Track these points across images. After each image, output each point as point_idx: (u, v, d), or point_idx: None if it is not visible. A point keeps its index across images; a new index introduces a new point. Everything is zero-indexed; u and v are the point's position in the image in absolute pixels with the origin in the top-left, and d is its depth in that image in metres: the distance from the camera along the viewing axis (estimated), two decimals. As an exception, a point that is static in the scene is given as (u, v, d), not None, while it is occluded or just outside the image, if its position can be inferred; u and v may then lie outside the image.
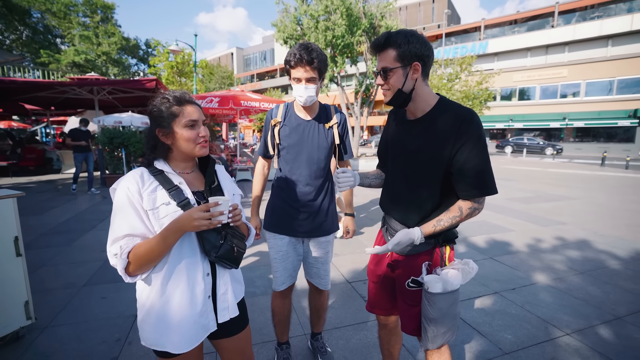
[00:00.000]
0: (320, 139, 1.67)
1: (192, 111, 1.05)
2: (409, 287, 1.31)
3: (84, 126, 7.09)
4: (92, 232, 4.36)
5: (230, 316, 1.12)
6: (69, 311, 2.44)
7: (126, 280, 0.96)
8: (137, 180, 1.00)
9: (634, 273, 3.20)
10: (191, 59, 21.10)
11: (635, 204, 6.45)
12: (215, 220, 0.95)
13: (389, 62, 1.20)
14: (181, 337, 1.01)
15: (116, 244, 0.96)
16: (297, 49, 1.48)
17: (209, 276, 1.07)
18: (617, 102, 22.63)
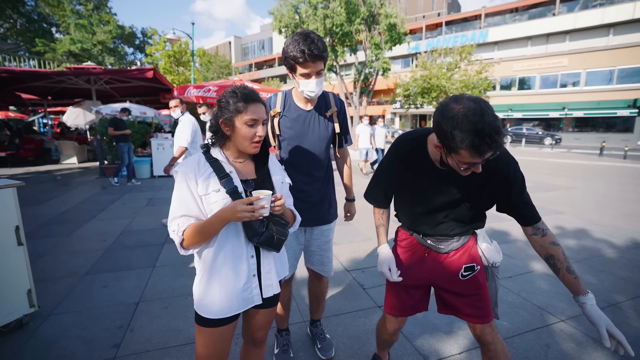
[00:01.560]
0: (321, 130, 1.66)
1: (255, 110, 1.12)
2: (463, 277, 1.35)
3: (125, 115, 6.88)
4: (92, 222, 4.37)
5: (274, 292, 1.24)
6: (71, 299, 2.47)
7: (181, 252, 1.10)
8: (195, 167, 1.12)
9: (629, 261, 3.24)
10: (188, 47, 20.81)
11: (633, 193, 6.48)
12: (257, 213, 1.03)
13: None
14: (224, 305, 1.14)
15: (174, 222, 1.09)
16: (303, 44, 1.39)
17: (253, 258, 1.18)
18: (617, 91, 22.50)
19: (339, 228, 4.17)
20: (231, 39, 54.37)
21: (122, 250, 3.43)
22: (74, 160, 10.24)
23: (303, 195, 1.66)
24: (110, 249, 3.45)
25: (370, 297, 2.57)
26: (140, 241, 3.68)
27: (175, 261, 3.14)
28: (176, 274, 2.89)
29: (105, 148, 7.83)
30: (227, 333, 1.18)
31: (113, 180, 6.80)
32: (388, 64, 13.40)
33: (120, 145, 6.71)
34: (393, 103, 28.83)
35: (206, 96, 7.70)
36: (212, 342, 1.16)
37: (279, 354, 1.85)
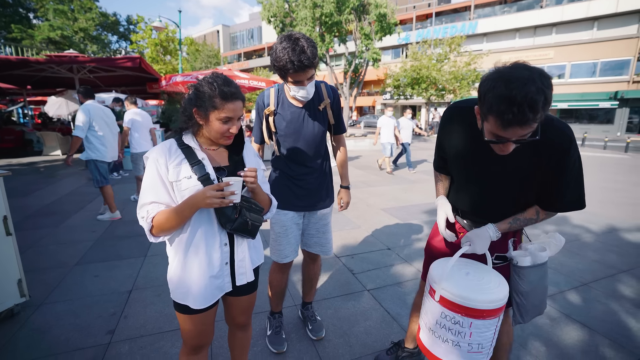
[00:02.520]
0: (315, 125, 1.68)
1: (232, 108, 1.07)
2: (494, 265, 1.32)
3: (118, 106, 6.70)
4: (80, 213, 4.33)
5: (247, 280, 1.24)
6: (62, 289, 2.48)
7: (150, 239, 1.09)
8: (165, 153, 1.09)
9: (602, 245, 3.42)
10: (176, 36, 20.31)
11: (611, 182, 6.75)
12: (227, 200, 1.02)
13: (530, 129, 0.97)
14: (199, 295, 1.13)
15: (143, 208, 1.07)
16: (292, 54, 1.35)
17: (226, 246, 1.17)
18: (600, 84, 23.06)
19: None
20: (219, 27, 53.11)
21: (112, 240, 3.43)
22: (57, 152, 9.98)
23: (302, 183, 1.73)
24: (100, 239, 3.45)
25: (359, 281, 2.66)
26: (130, 232, 3.67)
27: (167, 250, 3.16)
28: (167, 263, 2.90)
29: (91, 139, 7.66)
30: (206, 317, 1.19)
31: (112, 175, 6.65)
32: (378, 54, 13.39)
33: None
34: (383, 94, 28.86)
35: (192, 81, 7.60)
36: (191, 326, 1.18)
37: (272, 335, 1.92)
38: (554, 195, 1.16)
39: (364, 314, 2.23)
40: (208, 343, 1.27)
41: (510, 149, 1.04)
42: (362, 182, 6.43)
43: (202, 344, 1.23)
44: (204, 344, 1.25)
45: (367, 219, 4.19)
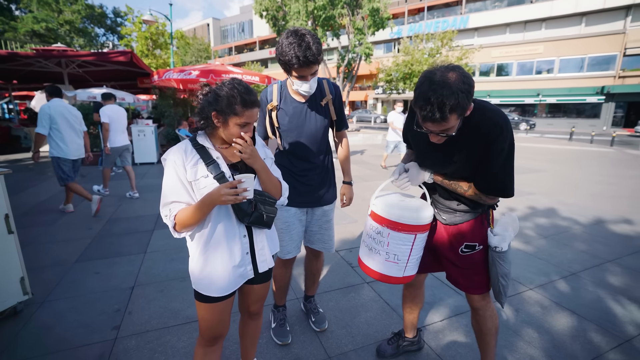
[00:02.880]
0: (318, 120, 1.71)
1: (251, 115, 1.14)
2: (463, 253, 1.43)
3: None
4: (76, 210, 4.30)
5: (268, 267, 1.34)
6: (64, 287, 2.49)
7: (174, 235, 1.16)
8: (182, 154, 1.15)
9: (589, 236, 3.56)
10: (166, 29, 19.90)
11: (597, 175, 6.96)
12: (240, 196, 1.07)
13: (452, 123, 1.12)
14: (223, 284, 1.20)
15: (166, 207, 1.15)
16: (298, 49, 1.38)
17: (245, 237, 1.24)
18: (587, 79, 23.50)
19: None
20: (209, 20, 52.21)
21: (110, 237, 3.42)
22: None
23: (305, 179, 1.76)
24: (98, 236, 3.44)
25: (358, 274, 2.72)
26: (128, 228, 3.67)
27: (167, 247, 3.18)
28: (168, 259, 2.93)
29: (82, 135, 7.53)
30: (226, 306, 1.26)
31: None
32: (371, 49, 13.38)
33: None
34: (375, 88, 28.91)
35: (187, 79, 7.51)
36: (212, 315, 1.24)
37: (276, 327, 1.97)
38: (480, 179, 1.28)
39: (364, 306, 2.30)
40: (224, 334, 1.32)
41: (438, 139, 1.20)
42: (357, 177, 6.50)
43: (219, 334, 1.29)
44: (221, 335, 1.30)
45: (363, 213, 4.25)
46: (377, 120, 28.30)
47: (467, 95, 1.07)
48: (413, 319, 1.80)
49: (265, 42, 43.14)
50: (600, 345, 1.91)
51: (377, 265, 1.40)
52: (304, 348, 1.89)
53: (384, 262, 1.38)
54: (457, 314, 2.20)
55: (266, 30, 40.89)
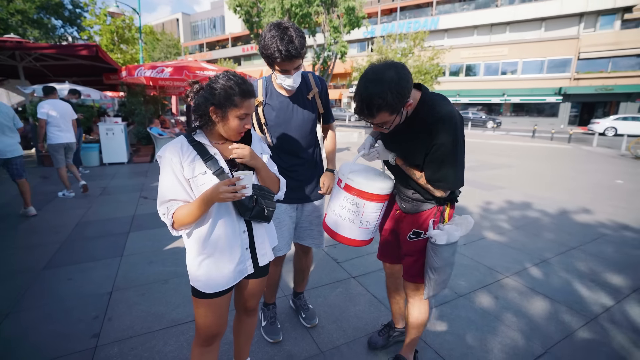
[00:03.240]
0: (305, 114, 1.70)
1: (249, 105, 1.13)
2: (410, 239, 1.50)
3: (75, 98, 6.14)
4: (39, 214, 3.99)
5: (269, 260, 1.34)
6: (32, 296, 2.31)
7: (173, 233, 1.15)
8: (178, 151, 1.12)
9: (555, 226, 3.82)
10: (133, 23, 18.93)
11: (557, 170, 7.47)
12: (239, 193, 1.05)
13: (385, 118, 1.23)
14: (221, 280, 1.19)
15: (163, 205, 1.13)
16: (280, 43, 1.36)
17: (245, 233, 1.24)
18: (546, 80, 25.13)
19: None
20: (179, 15, 50.30)
21: (82, 241, 3.22)
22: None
23: (294, 174, 1.75)
24: (67, 241, 3.22)
25: (344, 269, 2.75)
26: (101, 231, 3.47)
27: (145, 249, 3.04)
28: (147, 262, 2.81)
29: (42, 134, 7.01)
30: (224, 302, 1.24)
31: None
32: (346, 47, 13.48)
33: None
34: (349, 87, 29.19)
35: (157, 77, 7.20)
36: (210, 312, 1.22)
37: (267, 325, 1.95)
38: (425, 168, 1.35)
39: (352, 300, 2.33)
40: (222, 333, 1.29)
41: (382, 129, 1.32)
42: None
43: (217, 332, 1.26)
44: (218, 333, 1.27)
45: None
46: (352, 118, 28.62)
47: (399, 95, 1.14)
48: (400, 309, 1.85)
49: (238, 39, 42.22)
50: (570, 325, 2.06)
51: (352, 233, 1.54)
52: (296, 344, 1.88)
53: (359, 229, 1.53)
54: (442, 303, 2.29)
55: (239, 26, 40.04)
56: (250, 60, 41.08)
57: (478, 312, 2.18)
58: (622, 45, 22.69)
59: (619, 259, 2.99)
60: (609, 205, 4.67)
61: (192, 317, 2.08)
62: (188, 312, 2.13)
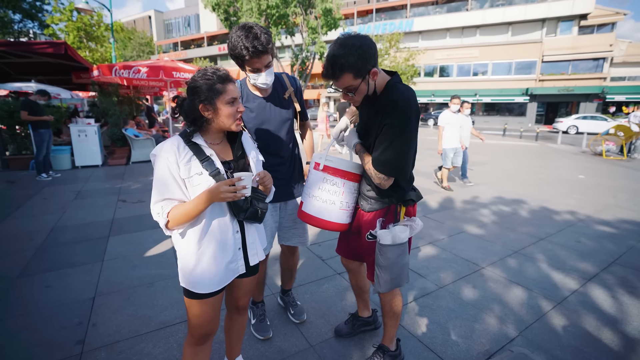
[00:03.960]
0: (283, 113, 1.75)
1: (233, 89, 1.15)
2: (367, 239, 1.54)
3: (43, 99, 5.83)
4: (9, 220, 3.79)
5: (259, 259, 1.36)
6: (7, 305, 2.21)
7: (166, 233, 1.15)
8: (175, 151, 1.13)
9: (526, 219, 4.07)
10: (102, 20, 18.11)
11: (528, 167, 7.92)
12: (239, 193, 1.09)
13: (350, 82, 1.28)
14: (214, 280, 1.20)
15: (157, 205, 1.13)
16: (246, 40, 1.41)
17: (238, 233, 1.26)
18: (515, 81, 26.45)
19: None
20: (151, 13, 48.63)
21: (58, 247, 3.10)
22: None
23: (276, 173, 1.77)
24: (42, 247, 3.09)
25: (329, 266, 2.82)
26: (78, 236, 3.35)
27: (127, 253, 2.97)
28: (130, 265, 2.75)
29: (6, 136, 6.62)
30: (216, 301, 1.26)
31: (42, 176, 5.83)
32: (325, 47, 13.61)
33: (41, 133, 5.70)
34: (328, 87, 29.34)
35: (133, 78, 6.99)
36: (203, 312, 1.23)
37: (257, 323, 1.98)
38: (372, 150, 1.39)
39: (339, 295, 2.40)
40: (214, 332, 1.31)
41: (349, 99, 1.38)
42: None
43: (209, 331, 1.28)
44: (210, 333, 1.29)
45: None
46: (330, 118, 28.81)
47: (361, 58, 1.22)
48: (363, 300, 1.95)
49: (213, 37, 41.40)
50: (541, 308, 2.23)
51: (331, 215, 1.55)
52: (286, 340, 1.93)
53: (339, 211, 1.55)
54: (423, 295, 2.40)
55: (214, 25, 39.28)
56: (227, 60, 40.36)
57: (458, 302, 2.31)
58: (580, 49, 24.34)
59: (582, 247, 3.25)
60: (572, 198, 5.02)
61: (180, 318, 2.07)
62: (176, 314, 2.12)
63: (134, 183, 5.63)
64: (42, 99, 5.83)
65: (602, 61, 24.30)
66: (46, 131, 5.79)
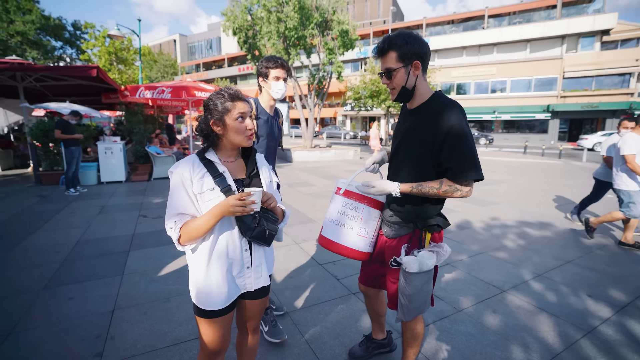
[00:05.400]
0: (278, 131, 2.14)
1: (242, 106, 1.21)
2: (392, 266, 1.48)
3: (75, 119, 6.36)
4: (38, 233, 3.98)
5: (263, 285, 1.33)
6: (33, 315, 2.30)
7: (178, 248, 1.18)
8: (190, 167, 1.17)
9: (550, 241, 3.90)
10: (131, 44, 19.31)
11: (550, 185, 7.64)
12: (248, 208, 1.11)
13: (391, 63, 1.33)
14: (221, 298, 1.22)
15: (171, 220, 1.16)
16: (275, 58, 1.91)
17: (247, 251, 1.27)
18: (535, 98, 25.97)
19: (305, 226, 4.34)
20: (176, 37, 51.50)
21: (82, 260, 3.21)
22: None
23: None
24: (67, 260, 3.21)
25: (344, 286, 2.78)
26: (101, 250, 3.47)
27: (145, 268, 3.05)
28: (148, 280, 2.81)
29: (40, 153, 7.04)
30: (226, 321, 1.26)
31: (70, 191, 6.16)
32: (342, 67, 13.89)
33: (72, 150, 6.08)
34: (344, 105, 29.75)
35: (158, 98, 7.35)
36: (212, 330, 1.24)
37: (270, 329, 2.01)
38: (452, 160, 1.28)
39: (353, 316, 2.35)
40: (225, 348, 1.32)
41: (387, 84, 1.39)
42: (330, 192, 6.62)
43: (220, 349, 1.28)
44: (222, 349, 1.30)
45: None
46: (347, 136, 29.01)
47: (409, 44, 1.30)
48: (378, 323, 1.90)
49: (234, 59, 43.20)
50: (569, 337, 2.10)
51: (349, 240, 1.54)
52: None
53: (357, 237, 1.54)
54: (441, 318, 2.32)
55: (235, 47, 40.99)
56: (246, 80, 41.88)
57: (478, 327, 2.21)
58: (604, 65, 23.75)
59: (613, 272, 3.07)
60: (600, 219, 4.78)
61: (194, 335, 2.09)
62: (190, 330, 2.14)
63: (155, 198, 5.82)
64: (75, 119, 6.23)
65: (629, 76, 23.57)
66: (76, 148, 6.15)
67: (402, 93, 1.38)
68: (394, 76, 1.35)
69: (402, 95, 1.39)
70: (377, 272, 1.67)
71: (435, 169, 1.36)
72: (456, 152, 1.27)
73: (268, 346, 2.00)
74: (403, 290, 1.41)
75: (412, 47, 1.30)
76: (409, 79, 1.34)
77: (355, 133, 30.02)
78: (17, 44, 25.58)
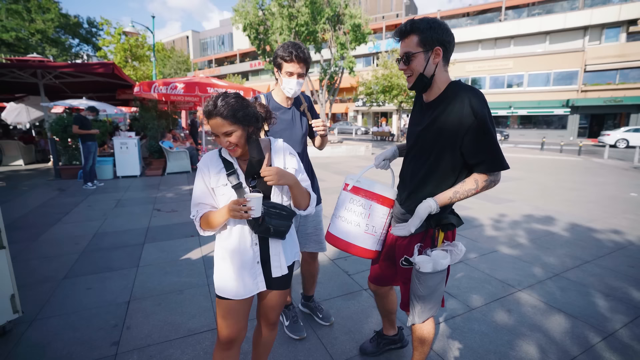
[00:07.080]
0: (302, 124, 1.93)
1: (212, 125, 1.16)
2: (402, 266, 1.43)
3: (92, 115, 6.53)
4: (58, 225, 4.12)
5: (282, 273, 1.36)
6: (54, 304, 2.39)
7: (200, 233, 1.28)
8: (209, 163, 1.27)
9: (568, 239, 3.79)
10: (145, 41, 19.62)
11: (568, 182, 7.41)
12: (246, 214, 1.13)
13: (411, 47, 1.26)
14: (233, 289, 1.28)
15: (194, 208, 1.28)
16: (292, 47, 1.65)
17: (256, 245, 1.30)
18: (554, 92, 25.11)
19: (318, 221, 4.34)
20: (189, 33, 52.02)
21: (99, 252, 3.31)
22: (19, 162, 9.34)
23: None
24: (85, 251, 3.32)
25: (355, 281, 2.77)
26: (117, 242, 3.56)
27: (160, 260, 3.11)
28: (163, 272, 2.88)
29: (60, 148, 7.26)
30: (242, 306, 1.30)
31: (87, 185, 6.36)
32: (354, 62, 13.77)
33: (89, 145, 6.28)
34: (355, 101, 29.55)
35: (171, 93, 7.44)
36: (228, 312, 1.28)
37: (291, 324, 2.04)
38: (483, 152, 1.22)
39: (364, 312, 2.35)
40: (241, 338, 1.34)
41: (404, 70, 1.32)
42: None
43: (234, 337, 1.30)
44: (236, 338, 1.31)
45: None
46: (358, 132, 28.81)
47: (432, 29, 1.23)
48: (388, 320, 1.89)
49: (245, 55, 43.35)
50: (587, 340, 2.04)
51: (356, 238, 1.50)
52: (310, 355, 1.90)
53: (364, 235, 1.49)
54: (454, 316, 2.29)
55: (247, 43, 41.11)
56: (258, 76, 42.01)
57: (491, 326, 2.17)
58: (629, 57, 22.68)
59: (636, 273, 2.96)
60: (623, 218, 4.61)
61: (207, 327, 2.12)
62: (204, 322, 2.18)
63: (168, 193, 5.93)
64: (92, 114, 6.39)
65: (657, 69, 22.50)
66: (93, 143, 6.32)
67: (419, 81, 1.29)
68: (412, 61, 1.27)
69: (419, 82, 1.29)
70: (387, 272, 1.64)
71: (455, 162, 1.28)
72: (484, 144, 1.21)
73: (280, 340, 2.02)
74: (416, 292, 1.36)
75: (435, 33, 1.23)
76: (428, 65, 1.26)
77: (366, 129, 29.79)
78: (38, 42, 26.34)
